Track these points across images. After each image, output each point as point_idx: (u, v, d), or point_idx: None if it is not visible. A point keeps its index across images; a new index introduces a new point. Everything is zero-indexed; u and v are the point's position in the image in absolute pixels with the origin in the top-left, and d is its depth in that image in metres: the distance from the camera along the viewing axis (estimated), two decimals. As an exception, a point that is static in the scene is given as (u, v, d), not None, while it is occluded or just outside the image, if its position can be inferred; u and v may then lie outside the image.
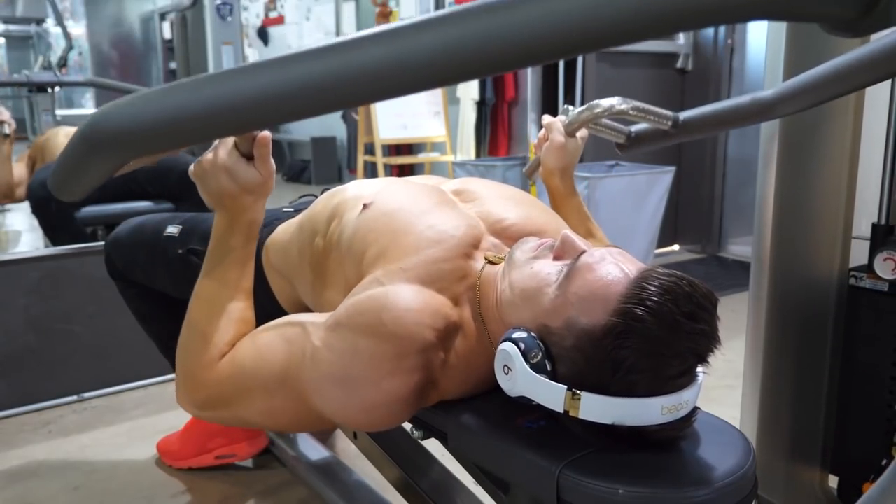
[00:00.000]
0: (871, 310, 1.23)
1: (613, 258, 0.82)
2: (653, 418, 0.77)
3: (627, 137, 1.33)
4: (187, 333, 1.00)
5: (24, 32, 5.16)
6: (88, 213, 2.66)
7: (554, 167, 1.29)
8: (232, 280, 1.00)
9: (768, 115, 1.13)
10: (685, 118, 1.22)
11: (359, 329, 0.88)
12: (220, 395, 0.96)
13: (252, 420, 0.97)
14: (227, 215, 0.99)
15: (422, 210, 1.02)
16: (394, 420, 0.92)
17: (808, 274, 1.27)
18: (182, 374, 0.99)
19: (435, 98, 5.00)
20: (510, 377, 0.82)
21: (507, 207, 1.07)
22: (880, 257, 1.19)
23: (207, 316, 0.98)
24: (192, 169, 0.97)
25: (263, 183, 0.98)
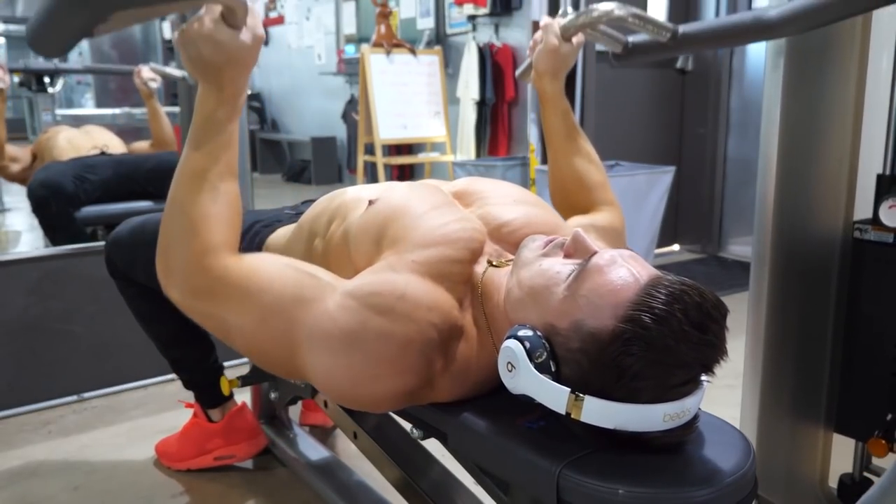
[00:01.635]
0: (877, 262, 1.20)
1: (625, 261, 0.81)
2: (655, 425, 0.77)
3: (625, 47, 1.31)
4: (178, 212, 0.96)
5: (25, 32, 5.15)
6: (88, 213, 2.66)
7: (545, 70, 1.27)
8: (221, 155, 0.96)
9: (769, 35, 1.10)
10: (684, 31, 1.20)
11: (372, 307, 0.88)
12: (218, 292, 0.93)
13: (233, 332, 0.94)
14: (212, 87, 0.95)
15: (430, 206, 1.02)
16: (375, 406, 0.93)
17: (808, 273, 1.27)
18: (177, 253, 0.95)
19: (435, 98, 5.00)
20: (513, 375, 0.82)
21: (509, 208, 1.07)
22: (885, 205, 1.16)
23: (198, 194, 0.95)
24: (177, 36, 0.93)
25: (250, 52, 0.94)
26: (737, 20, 1.14)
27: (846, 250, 1.25)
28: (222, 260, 0.94)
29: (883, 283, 1.20)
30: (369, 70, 4.81)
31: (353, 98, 6.14)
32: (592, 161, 1.31)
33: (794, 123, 1.22)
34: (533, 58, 1.29)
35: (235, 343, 0.97)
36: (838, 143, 1.23)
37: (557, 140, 1.31)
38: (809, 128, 1.22)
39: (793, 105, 1.21)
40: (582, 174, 1.29)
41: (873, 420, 1.22)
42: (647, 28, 1.20)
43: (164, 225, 0.98)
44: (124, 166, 2.79)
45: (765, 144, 1.25)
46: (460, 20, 4.93)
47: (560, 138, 1.30)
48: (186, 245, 0.94)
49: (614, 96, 3.61)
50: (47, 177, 2.62)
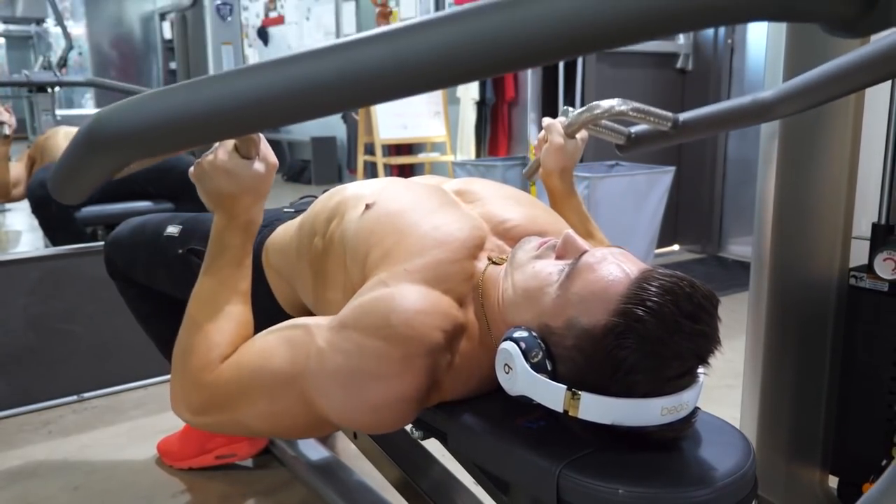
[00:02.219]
0: (872, 310, 1.23)
1: (615, 258, 0.82)
2: (653, 419, 0.77)
3: (627, 138, 1.33)
4: (185, 334, 0.99)
5: (24, 32, 5.17)
6: (88, 213, 2.66)
7: (553, 168, 1.29)
8: (230, 280, 1.00)
9: (768, 117, 1.13)
10: (685, 119, 1.22)
11: (366, 330, 0.87)
12: (220, 399, 0.95)
13: (252, 425, 0.96)
14: (226, 216, 0.99)
15: (426, 211, 1.02)
16: (398, 422, 0.92)
17: (807, 273, 1.27)
18: (179, 376, 0.98)
19: (435, 98, 5.00)
20: (510, 376, 0.82)
21: (510, 208, 1.07)
22: (880, 257, 1.19)
23: (205, 316, 0.98)
24: (192, 171, 0.97)
25: (263, 182, 0.98)
26: (735, 105, 1.17)
27: (842, 291, 1.27)
28: (216, 371, 0.95)
29: (878, 330, 1.23)
30: (369, 70, 4.82)
31: (353, 98, 6.14)
32: None
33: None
34: (540, 156, 1.32)
35: (262, 432, 0.98)
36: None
37: None
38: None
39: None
40: None
41: (869, 466, 1.24)
42: (649, 119, 1.22)
43: (176, 344, 1.00)
44: (124, 166, 2.79)
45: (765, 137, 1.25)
46: (460, 20, 4.94)
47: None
48: (186, 364, 0.97)
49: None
50: (47, 176, 2.62)
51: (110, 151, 0.56)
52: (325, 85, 0.48)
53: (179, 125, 0.53)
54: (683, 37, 3.92)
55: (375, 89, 0.48)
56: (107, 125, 0.55)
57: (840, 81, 0.93)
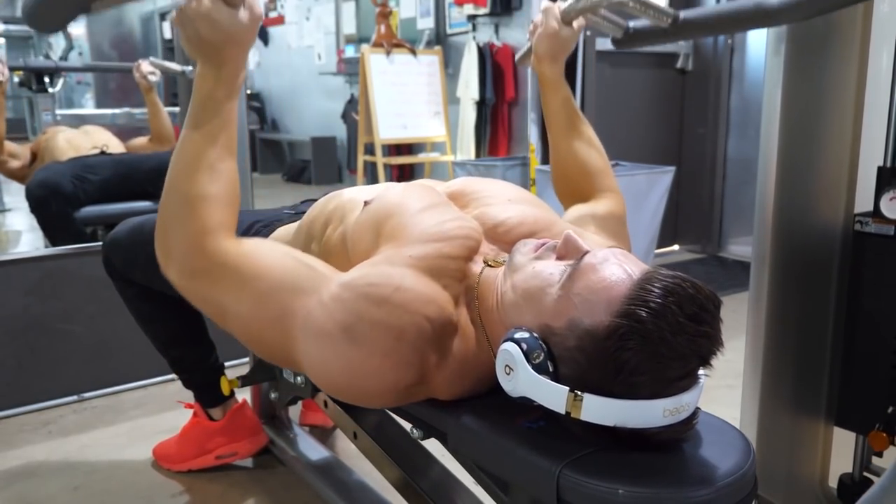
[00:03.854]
0: (878, 255, 1.20)
1: (617, 259, 0.81)
2: (655, 420, 0.77)
3: (625, 32, 1.30)
4: (177, 193, 0.96)
5: (25, 32, 5.16)
6: (88, 213, 2.66)
7: (545, 54, 1.26)
8: (219, 135, 0.97)
9: (770, 22, 1.10)
10: (685, 17, 1.20)
11: (368, 298, 0.88)
12: (214, 273, 0.93)
13: (228, 315, 0.94)
14: (210, 66, 0.95)
15: (426, 205, 1.02)
16: (369, 401, 0.93)
17: (808, 274, 1.26)
18: (176, 233, 0.95)
19: (435, 98, 5.00)
20: (512, 377, 0.82)
21: (505, 209, 1.07)
22: (886, 197, 1.16)
23: (197, 175, 0.95)
24: (174, 16, 0.94)
25: (247, 31, 0.95)
26: (738, 6, 1.14)
27: (847, 243, 1.24)
28: (221, 242, 0.94)
29: (883, 276, 1.20)
30: (369, 70, 4.81)
31: (353, 98, 6.14)
32: (594, 146, 1.30)
33: (795, 114, 1.21)
34: (533, 41, 1.28)
35: (232, 327, 0.96)
36: (839, 135, 1.22)
37: (558, 125, 1.30)
38: (810, 119, 1.22)
39: (793, 96, 1.21)
40: (583, 159, 1.28)
41: (874, 413, 1.22)
42: (648, 13, 1.19)
43: (163, 205, 0.98)
44: (124, 166, 2.80)
45: (765, 136, 1.24)
46: (460, 20, 4.94)
47: (561, 123, 1.30)
48: (185, 225, 0.94)
49: (614, 96, 3.61)
50: (46, 177, 2.62)
51: None
52: None
53: None
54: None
55: None
56: None
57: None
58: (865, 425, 1.23)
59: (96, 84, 6.57)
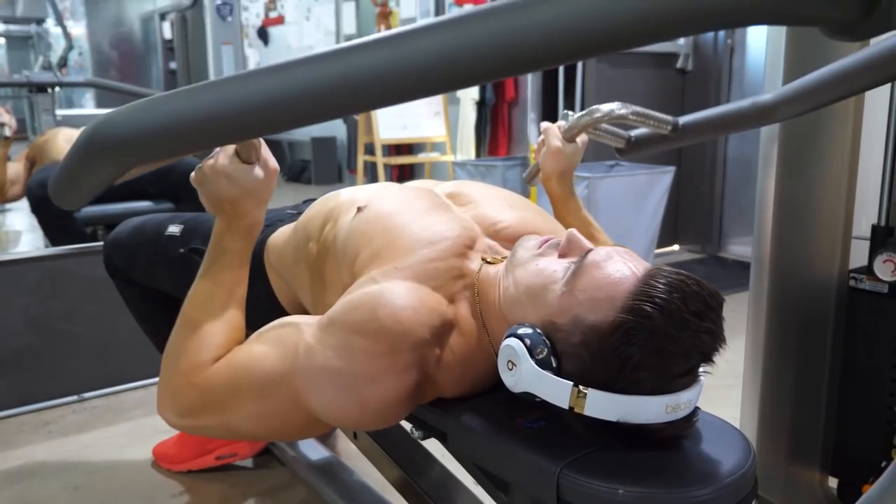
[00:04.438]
0: (871, 311, 1.23)
1: (621, 256, 0.82)
2: (657, 416, 0.77)
3: (627, 142, 1.33)
4: (177, 335, 0.99)
5: (24, 32, 5.17)
6: (88, 213, 2.66)
7: (552, 172, 1.29)
8: (227, 284, 1.00)
9: (768, 120, 1.13)
10: (685, 123, 1.22)
11: (353, 325, 0.88)
12: (209, 401, 0.94)
13: (241, 427, 0.95)
14: (227, 220, 0.99)
15: (416, 212, 1.02)
16: (390, 418, 0.92)
17: (808, 274, 1.27)
18: (168, 377, 0.97)
19: (435, 98, 5.00)
20: (514, 373, 0.82)
21: (503, 210, 1.08)
22: (880, 259, 1.19)
23: (199, 318, 0.98)
24: (193, 175, 0.98)
25: (264, 187, 0.99)
26: (735, 108, 1.17)
27: (842, 294, 1.27)
28: (206, 373, 0.95)
29: (878, 332, 1.23)
30: (369, 70, 4.81)
31: (353, 98, 6.14)
32: None
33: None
34: (539, 160, 1.31)
35: (251, 434, 0.98)
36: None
37: None
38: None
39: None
40: None
41: (868, 467, 1.24)
42: (649, 123, 1.22)
43: (168, 342, 1.00)
44: (124, 166, 2.79)
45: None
46: (460, 20, 4.93)
47: None
48: (177, 365, 0.96)
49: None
50: (47, 177, 2.60)
51: (111, 157, 0.56)
52: (325, 90, 0.48)
53: (179, 131, 0.53)
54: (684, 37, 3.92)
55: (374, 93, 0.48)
56: (107, 131, 0.55)
57: (840, 84, 0.94)
58: (860, 478, 1.26)
59: (96, 84, 6.59)
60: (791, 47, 1.20)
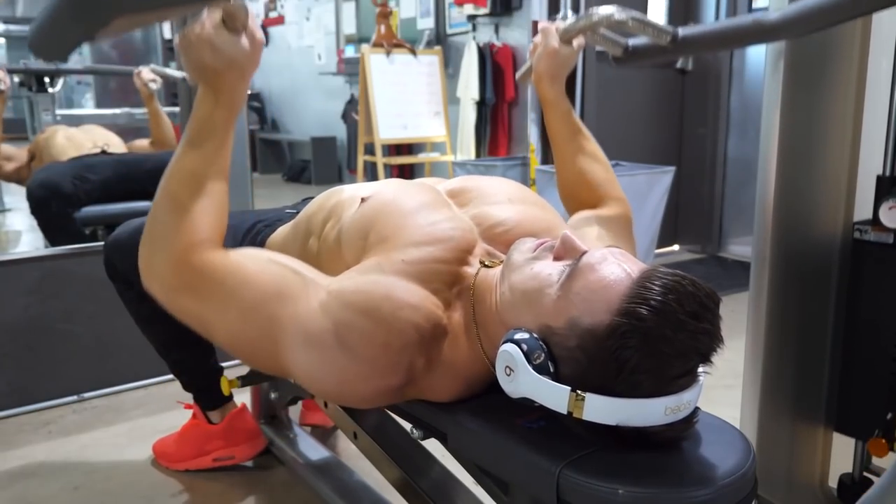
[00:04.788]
0: (876, 262, 1.20)
1: (615, 258, 0.82)
2: (656, 419, 0.77)
3: (624, 50, 1.30)
4: (167, 208, 0.97)
5: (25, 32, 5.17)
6: (88, 213, 2.65)
7: (545, 73, 1.27)
8: (213, 158, 0.98)
9: (770, 37, 1.10)
10: (685, 34, 1.20)
11: (357, 307, 0.89)
12: (198, 287, 0.94)
13: (215, 329, 0.95)
14: (211, 90, 0.97)
15: (421, 205, 1.02)
16: (360, 403, 0.95)
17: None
18: (160, 249, 0.96)
19: (435, 98, 5.00)
20: (512, 378, 0.82)
21: (503, 209, 1.07)
22: (886, 206, 1.16)
23: (189, 194, 0.96)
24: (178, 40, 0.95)
25: (249, 59, 0.96)
26: (736, 23, 1.14)
27: (846, 251, 1.25)
28: (205, 255, 0.94)
29: (883, 284, 1.21)
30: (369, 70, 4.81)
31: (353, 98, 6.14)
32: (598, 160, 1.31)
33: (794, 125, 1.21)
34: (533, 61, 1.29)
35: (217, 339, 0.97)
36: (838, 144, 1.22)
37: (561, 142, 1.31)
38: (809, 129, 1.22)
39: (792, 107, 1.21)
40: (587, 173, 1.29)
41: (873, 419, 1.22)
42: (647, 31, 1.19)
43: (152, 218, 0.98)
44: (124, 166, 2.79)
45: (765, 145, 1.24)
46: (460, 20, 4.93)
47: (564, 140, 1.30)
48: (172, 240, 0.95)
49: (614, 96, 3.61)
50: (47, 177, 2.62)
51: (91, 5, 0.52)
52: None
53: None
54: (683, 37, 3.92)
55: None
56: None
57: (846, 5, 0.92)
58: (865, 431, 1.24)
59: (96, 84, 6.57)
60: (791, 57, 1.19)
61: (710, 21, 3.88)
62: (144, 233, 0.98)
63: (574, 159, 1.30)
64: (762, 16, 1.07)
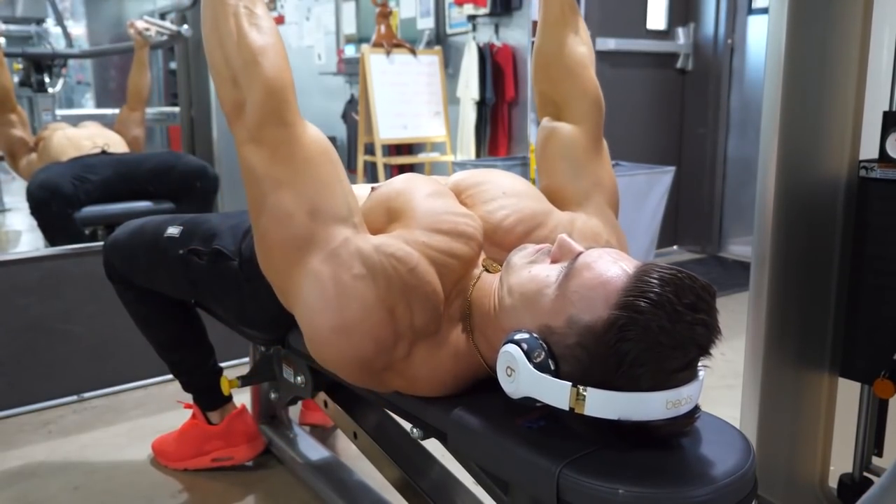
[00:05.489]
0: (883, 199, 1.19)
1: (611, 256, 0.83)
2: (657, 413, 0.77)
3: None
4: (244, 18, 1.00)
5: (24, 32, 5.16)
6: (88, 213, 2.65)
7: None
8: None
9: None
10: None
11: (386, 268, 0.91)
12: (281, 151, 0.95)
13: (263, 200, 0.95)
14: None
15: (432, 191, 1.03)
16: (334, 364, 0.94)
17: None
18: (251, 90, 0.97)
19: (435, 98, 5.00)
20: (513, 379, 0.83)
21: (502, 206, 1.07)
22: (892, 138, 1.16)
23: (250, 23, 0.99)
24: None
25: None
26: None
27: (851, 191, 1.23)
28: (299, 124, 0.97)
29: (889, 221, 1.19)
30: (369, 70, 4.81)
31: (353, 98, 6.13)
32: (583, 41, 1.25)
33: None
34: None
35: (258, 212, 0.96)
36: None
37: (551, 12, 1.25)
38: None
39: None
40: (570, 51, 1.23)
41: (879, 361, 1.20)
42: None
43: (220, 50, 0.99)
44: (124, 166, 2.79)
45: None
46: (460, 20, 4.93)
47: (554, 10, 1.24)
48: (259, 81, 0.96)
49: (614, 96, 3.60)
50: (47, 178, 2.62)
51: None
52: None
53: None
54: (683, 37, 3.92)
55: None
56: None
57: None
58: (870, 374, 1.22)
59: (96, 84, 6.56)
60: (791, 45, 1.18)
61: (709, 21, 3.88)
62: (213, 75, 1.00)
63: (560, 34, 1.23)
64: None
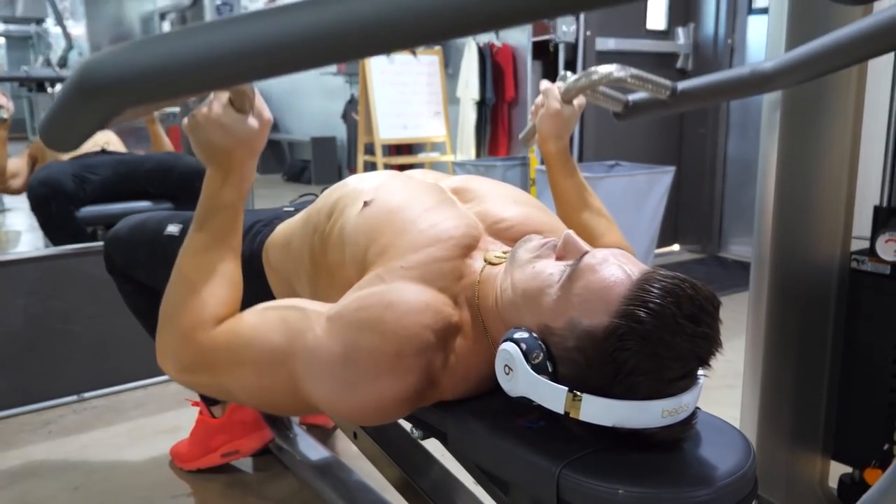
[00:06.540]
0: (874, 293, 1.21)
1: (616, 259, 0.82)
2: (653, 421, 0.77)
3: (625, 106, 1.32)
4: (176, 290, 0.98)
5: (24, 32, 5.16)
6: (88, 212, 2.65)
7: (549, 134, 1.29)
8: (224, 237, 0.98)
9: (767, 87, 1.12)
10: (683, 88, 1.21)
11: (360, 324, 0.88)
12: (209, 361, 0.95)
13: (236, 393, 0.96)
14: (220, 171, 0.97)
15: (422, 208, 1.02)
16: (387, 417, 0.92)
17: (809, 257, 1.25)
18: (169, 332, 0.97)
19: (435, 98, 5.00)
20: (511, 377, 0.82)
21: (506, 207, 1.07)
22: (882, 239, 1.17)
23: (198, 274, 0.97)
24: (185, 122, 0.96)
25: (258, 137, 0.96)
26: (734, 74, 1.16)
27: (843, 279, 1.26)
28: (209, 333, 0.95)
29: (879, 315, 1.22)
30: (369, 70, 4.81)
31: (353, 98, 6.14)
32: (602, 215, 1.31)
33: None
34: (536, 121, 1.31)
35: (245, 402, 0.98)
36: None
37: (567, 198, 1.32)
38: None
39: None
40: (592, 227, 1.30)
41: (870, 450, 1.23)
42: (647, 87, 1.21)
43: (165, 298, 0.99)
44: (124, 165, 2.80)
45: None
46: (460, 20, 4.93)
47: (569, 197, 1.31)
48: (180, 320, 0.96)
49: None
50: (48, 175, 2.62)
51: (102, 98, 0.52)
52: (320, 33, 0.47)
53: (172, 72, 0.50)
54: (683, 37, 3.92)
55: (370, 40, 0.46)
56: (99, 71, 0.52)
57: (840, 53, 0.93)
58: (862, 461, 1.25)
59: (96, 84, 6.58)
60: (793, 17, 1.18)
61: (709, 21, 3.88)
62: (160, 313, 0.99)
63: (579, 215, 1.30)
64: (758, 66, 1.10)
